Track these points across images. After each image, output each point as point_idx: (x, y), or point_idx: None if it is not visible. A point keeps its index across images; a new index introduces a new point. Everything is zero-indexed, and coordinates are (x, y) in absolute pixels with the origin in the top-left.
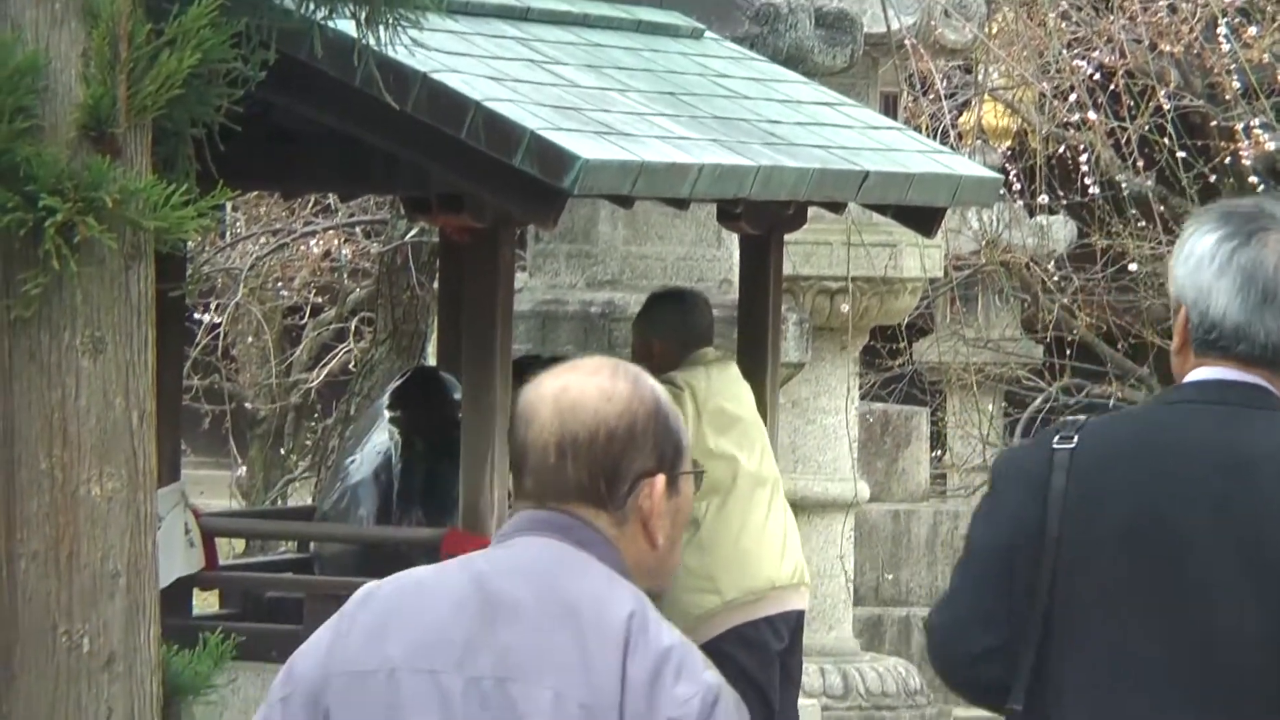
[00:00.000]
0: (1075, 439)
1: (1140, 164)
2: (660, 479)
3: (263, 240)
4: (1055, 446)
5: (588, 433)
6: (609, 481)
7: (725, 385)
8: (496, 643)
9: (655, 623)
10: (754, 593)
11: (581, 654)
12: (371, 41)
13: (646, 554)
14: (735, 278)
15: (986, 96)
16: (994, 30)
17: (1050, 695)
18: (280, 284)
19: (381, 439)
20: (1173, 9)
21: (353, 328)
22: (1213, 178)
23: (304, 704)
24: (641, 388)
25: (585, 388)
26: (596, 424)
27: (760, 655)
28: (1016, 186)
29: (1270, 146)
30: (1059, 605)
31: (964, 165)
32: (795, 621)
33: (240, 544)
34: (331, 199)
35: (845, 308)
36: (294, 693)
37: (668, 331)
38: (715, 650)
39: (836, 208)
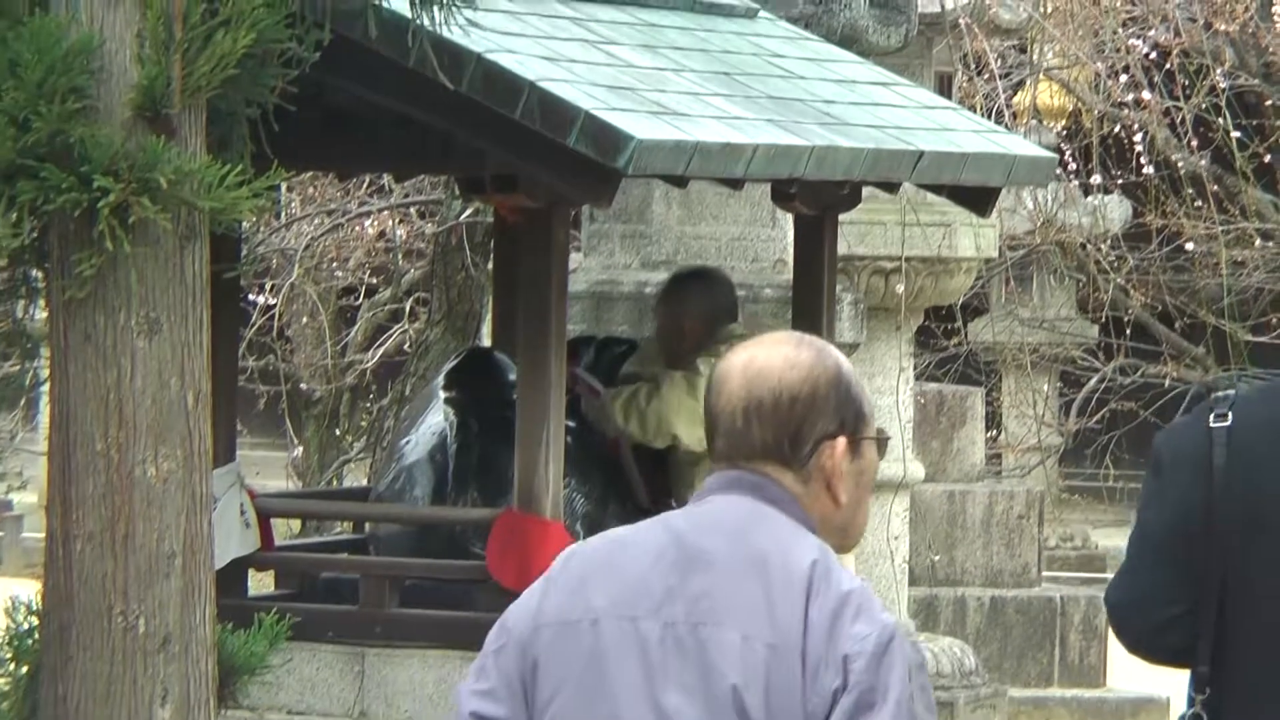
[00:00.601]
0: (1229, 415)
1: (1195, 143)
2: (841, 441)
3: (317, 221)
4: (1212, 425)
5: (772, 397)
6: (792, 442)
7: None
8: (690, 591)
9: (836, 570)
10: None
11: (767, 600)
12: (426, 22)
13: (831, 512)
14: (790, 258)
15: (1041, 76)
16: (1049, 9)
17: (1231, 658)
18: (335, 265)
19: (437, 420)
20: None
21: (408, 308)
22: (1268, 157)
23: (515, 655)
24: (825, 356)
25: (771, 357)
26: (780, 389)
27: None
28: (1071, 166)
29: None
30: (1232, 574)
31: (1019, 145)
32: None
33: (296, 525)
34: (386, 179)
35: (900, 288)
36: (506, 644)
37: (697, 310)
38: None
39: (891, 187)
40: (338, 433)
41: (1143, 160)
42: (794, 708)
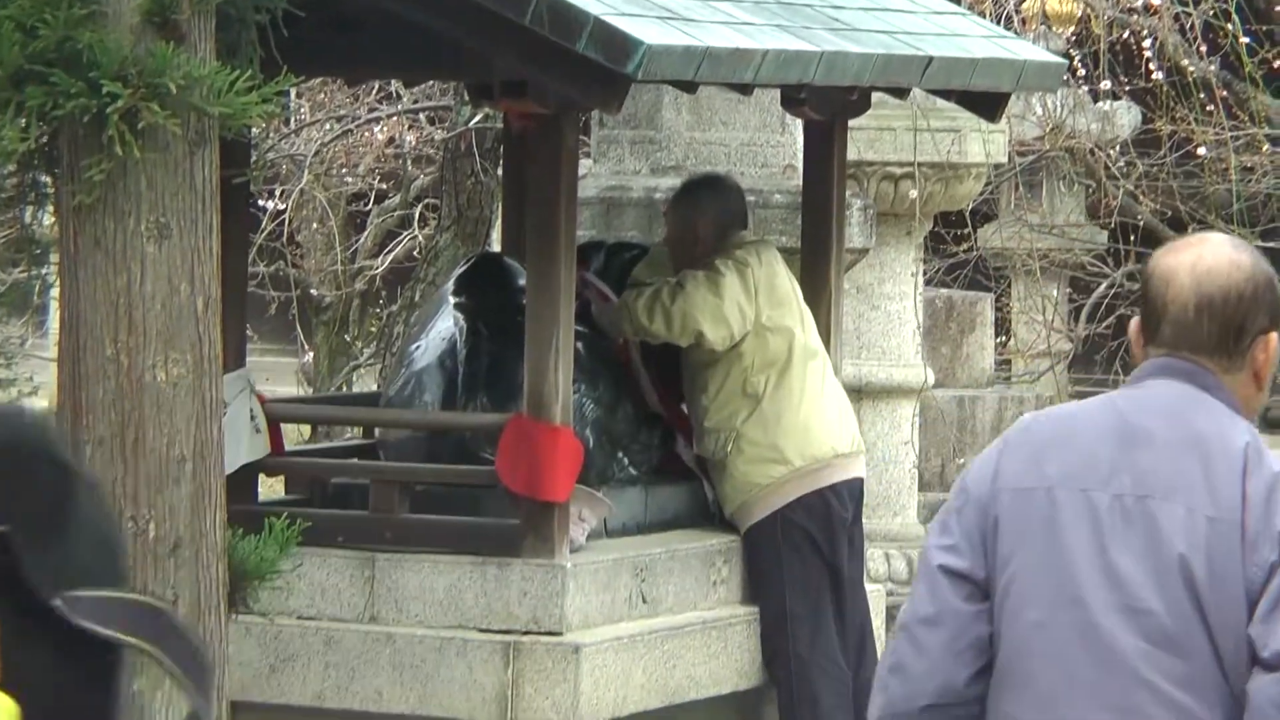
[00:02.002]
0: None
1: (1204, 49)
2: (1274, 336)
3: (327, 127)
4: None
5: (1221, 295)
6: (1235, 336)
7: (772, 262)
8: (1134, 465)
9: (1266, 451)
10: (819, 460)
11: (1206, 476)
12: None
13: (1252, 396)
14: (799, 163)
15: None
16: None
17: None
18: (344, 170)
19: (446, 325)
20: None
21: (417, 214)
22: (1277, 63)
23: (976, 514)
24: (1258, 259)
25: (1217, 257)
26: (1229, 287)
27: (826, 523)
28: (1080, 72)
29: None
30: None
31: (1028, 50)
32: (858, 490)
33: (306, 430)
34: (395, 85)
35: (912, 193)
36: (966, 505)
37: (711, 214)
38: (782, 520)
39: (900, 93)
40: (348, 338)
41: (1152, 66)
42: (1234, 577)
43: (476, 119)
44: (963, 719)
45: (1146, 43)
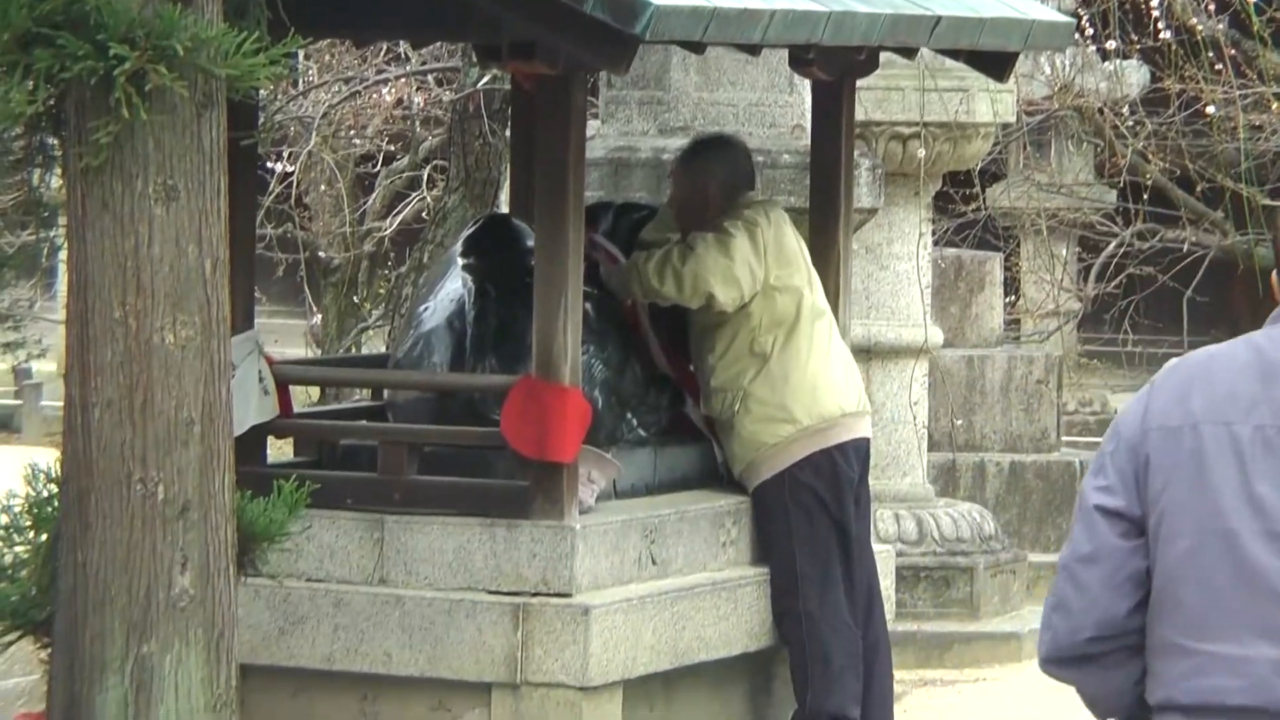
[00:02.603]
0: None
1: (1213, 7)
2: None
3: (335, 88)
4: None
5: None
6: None
7: (779, 222)
8: (1273, 398)
9: None
10: (826, 419)
11: None
12: None
13: None
14: (808, 123)
15: None
16: None
17: None
18: (353, 132)
19: (455, 286)
20: None
21: (425, 176)
22: None
23: (1128, 454)
24: None
25: None
26: None
27: (834, 482)
28: (1089, 31)
29: None
30: None
31: (1036, 9)
32: (865, 449)
33: (315, 392)
34: (403, 47)
35: (920, 153)
36: (1119, 446)
37: (719, 176)
38: (790, 479)
39: (909, 53)
40: (356, 300)
41: (1160, 25)
42: None
43: (484, 80)
44: (1124, 649)
45: (1155, 1)
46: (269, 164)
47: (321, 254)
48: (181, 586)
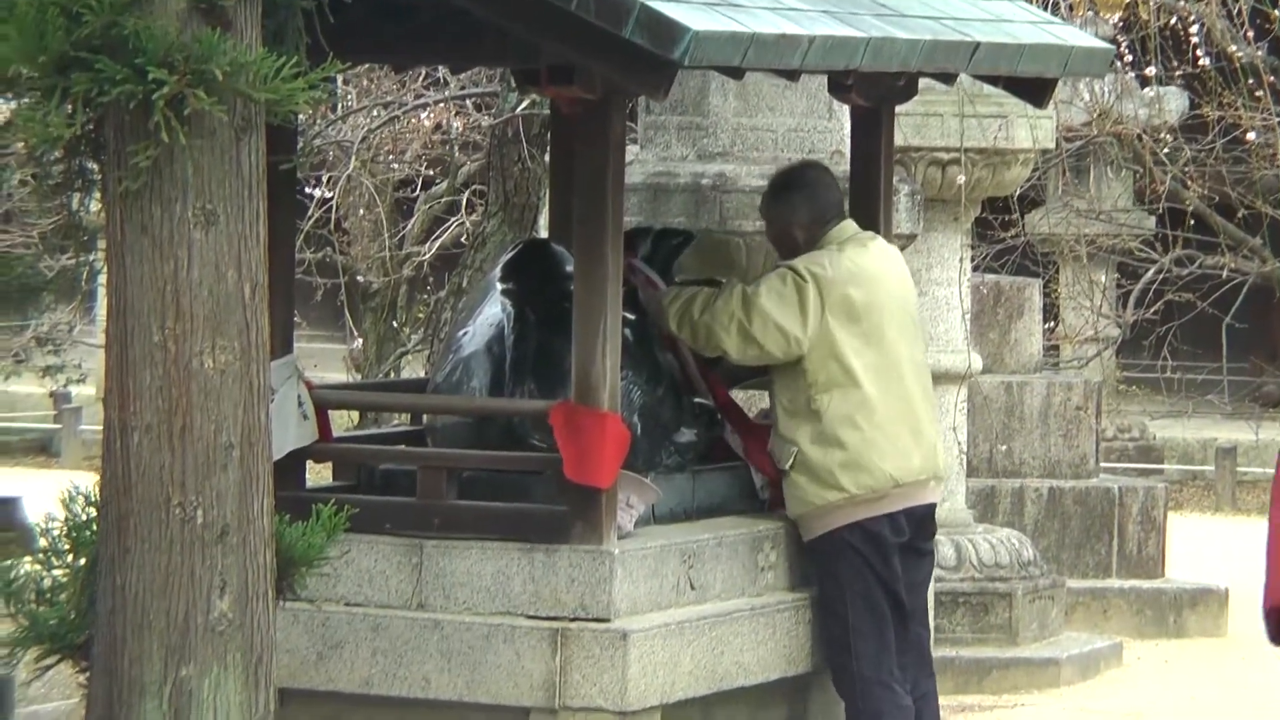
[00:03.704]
0: None
1: (1252, 34)
2: None
3: (374, 113)
4: None
5: None
6: None
7: (857, 266)
8: None
9: None
10: (874, 490)
11: None
12: None
13: None
14: (846, 149)
15: None
16: None
17: None
18: (391, 157)
19: (494, 311)
20: None
21: (464, 200)
22: None
23: None
24: None
25: None
26: None
27: (879, 548)
28: (1128, 58)
29: None
30: None
31: (1075, 36)
32: (921, 515)
33: (354, 416)
34: (442, 72)
35: (960, 179)
36: None
37: (805, 213)
38: (837, 539)
39: (948, 79)
40: (395, 325)
41: (1199, 51)
42: None
43: (523, 105)
44: None
45: (1194, 28)
46: (308, 188)
47: (361, 278)
48: (220, 610)
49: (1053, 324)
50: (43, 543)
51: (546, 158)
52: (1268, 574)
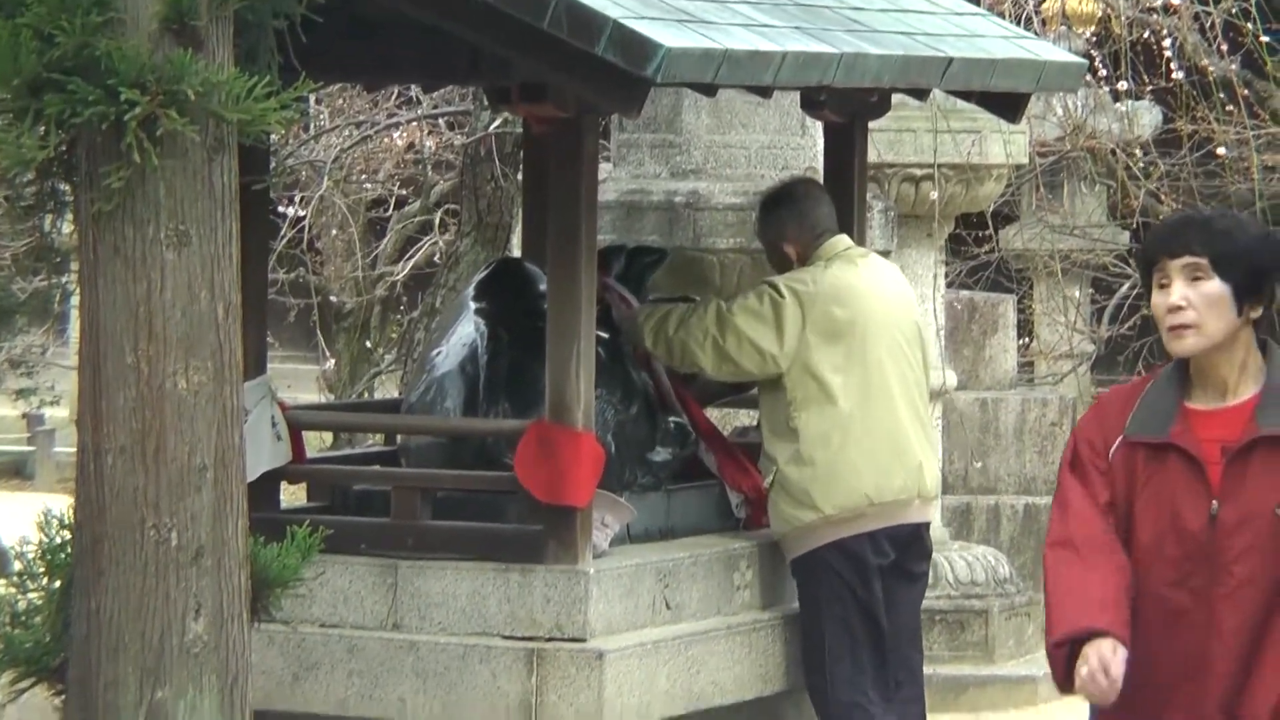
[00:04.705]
0: None
1: (1225, 48)
2: None
3: (346, 132)
4: None
5: None
6: None
7: (842, 283)
8: None
9: None
10: (850, 510)
11: None
12: None
13: None
14: (820, 165)
15: None
16: None
17: None
18: (364, 176)
19: (467, 331)
20: None
21: (437, 220)
22: None
23: None
24: None
25: None
26: None
27: (860, 569)
28: (1101, 72)
29: None
30: None
31: (1048, 50)
32: (907, 535)
33: (328, 437)
34: (414, 91)
35: (933, 195)
36: None
37: (793, 231)
38: (816, 559)
39: (921, 94)
40: (369, 345)
41: (1172, 65)
42: None
43: (496, 123)
44: None
45: (1167, 42)
46: (281, 208)
47: (334, 299)
48: (195, 632)
49: (1027, 340)
50: (17, 566)
51: (519, 176)
52: (1055, 603)
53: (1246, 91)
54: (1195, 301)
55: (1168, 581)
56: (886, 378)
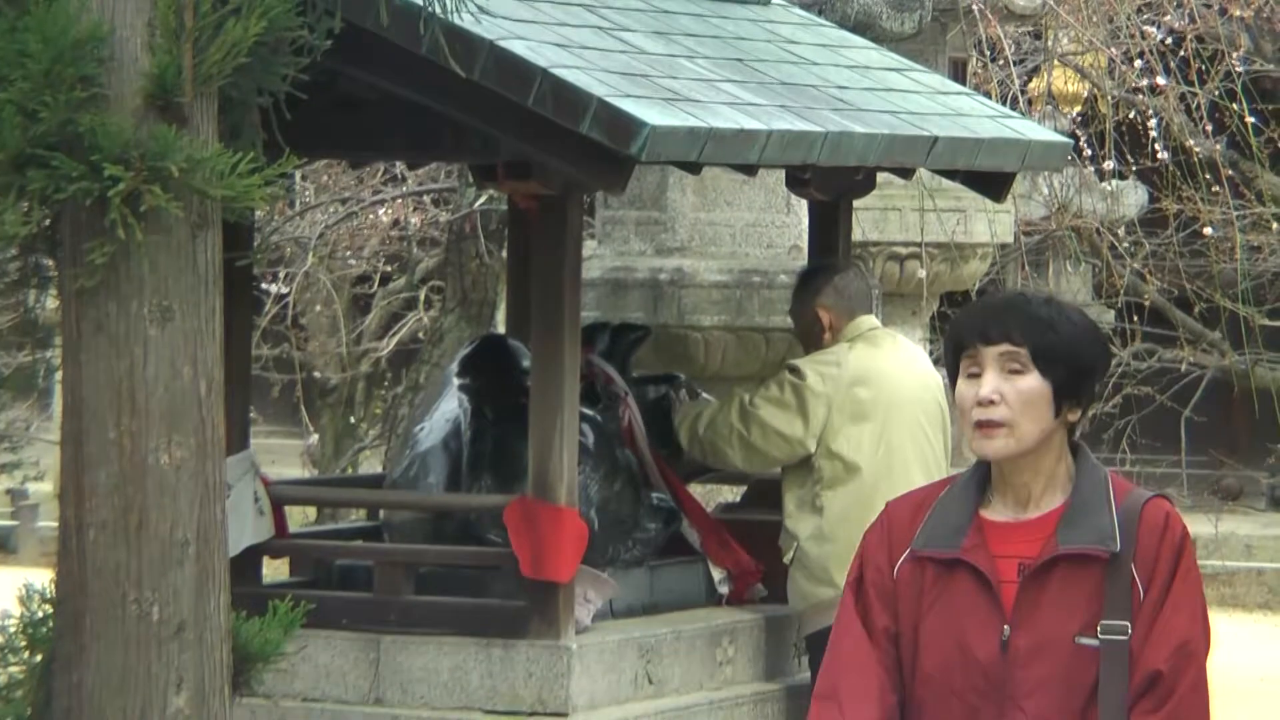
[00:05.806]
0: None
1: (1210, 128)
2: None
3: (331, 209)
4: None
5: None
6: None
7: (867, 365)
8: None
9: None
10: None
11: None
12: (438, 9)
13: None
14: (805, 244)
15: (1056, 62)
16: None
17: None
18: (349, 253)
19: (451, 407)
20: None
21: (422, 296)
22: None
23: None
24: None
25: None
26: None
27: None
28: (1087, 152)
29: None
30: None
31: (1033, 130)
32: None
33: (311, 512)
34: (399, 168)
35: (921, 273)
36: None
37: (829, 298)
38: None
39: (906, 173)
40: (352, 420)
41: (1158, 146)
42: None
43: (481, 201)
44: None
45: (1152, 122)
46: (265, 284)
47: (318, 374)
48: (176, 707)
49: None
50: None
51: (504, 253)
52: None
53: (1231, 171)
54: (1010, 397)
55: (954, 719)
56: (907, 458)
